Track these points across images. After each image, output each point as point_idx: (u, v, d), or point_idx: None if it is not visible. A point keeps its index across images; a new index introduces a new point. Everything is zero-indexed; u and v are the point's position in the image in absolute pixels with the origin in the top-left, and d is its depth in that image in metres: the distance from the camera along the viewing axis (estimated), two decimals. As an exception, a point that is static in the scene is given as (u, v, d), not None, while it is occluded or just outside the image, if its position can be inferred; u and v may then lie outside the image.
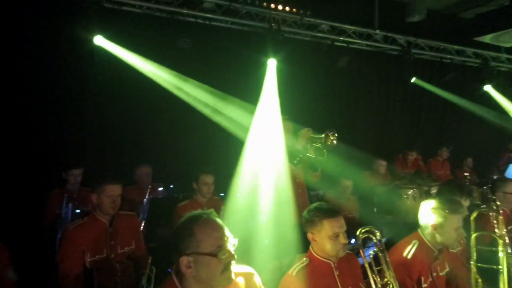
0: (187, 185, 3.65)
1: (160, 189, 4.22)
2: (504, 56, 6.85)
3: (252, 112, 4.56)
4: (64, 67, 4.11)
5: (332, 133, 2.95)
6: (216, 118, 4.65)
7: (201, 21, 4.63)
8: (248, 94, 4.80)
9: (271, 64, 4.90)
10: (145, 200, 3.74)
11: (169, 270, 1.68)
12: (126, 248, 2.61)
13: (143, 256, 2.69)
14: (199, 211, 1.48)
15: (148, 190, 3.90)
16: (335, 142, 2.96)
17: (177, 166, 4.74)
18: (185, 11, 4.43)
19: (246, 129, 4.56)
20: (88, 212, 3.44)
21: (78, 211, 3.40)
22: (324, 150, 3.04)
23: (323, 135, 2.99)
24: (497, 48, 6.55)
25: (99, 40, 4.02)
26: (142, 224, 3.37)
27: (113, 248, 2.53)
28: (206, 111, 4.62)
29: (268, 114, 4.59)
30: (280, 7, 4.90)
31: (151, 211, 3.48)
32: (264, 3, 4.79)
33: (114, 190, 2.52)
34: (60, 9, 3.87)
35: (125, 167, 4.31)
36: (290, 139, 3.25)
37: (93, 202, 2.55)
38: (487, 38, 5.28)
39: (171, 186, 4.45)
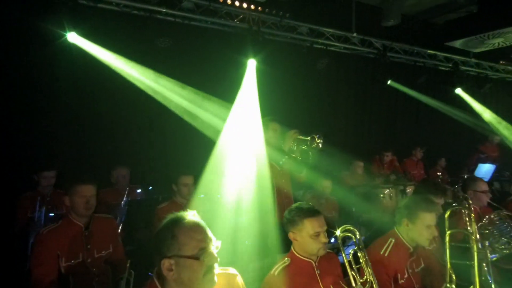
0: (167, 186, 3.60)
1: (139, 191, 4.13)
2: (473, 61, 7.17)
3: (232, 112, 4.57)
4: (36, 64, 3.95)
5: (318, 136, 3.00)
6: (195, 118, 4.61)
7: (180, 20, 4.57)
8: (228, 94, 4.80)
9: (251, 65, 4.92)
10: (122, 202, 3.65)
11: (149, 273, 1.65)
12: (103, 252, 2.54)
13: (121, 260, 2.63)
14: (181, 213, 1.45)
15: (126, 192, 3.80)
16: (320, 145, 3.01)
17: (155, 167, 4.66)
18: (163, 10, 4.36)
19: (225, 130, 4.56)
20: (62, 215, 3.33)
21: (51, 214, 3.27)
22: (310, 153, 3.09)
23: (309, 138, 3.03)
24: (466, 53, 6.86)
25: (73, 38, 3.89)
26: (120, 227, 3.28)
27: (90, 252, 2.46)
28: (185, 112, 4.57)
29: (247, 114, 4.60)
30: (259, 8, 4.93)
31: (129, 213, 3.40)
32: (244, 4, 4.79)
33: (87, 190, 2.44)
34: (32, 4, 3.72)
35: (101, 169, 4.19)
36: (277, 139, 3.27)
37: (67, 205, 2.46)
38: (457, 44, 5.52)
39: (150, 188, 4.36)
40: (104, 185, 3.97)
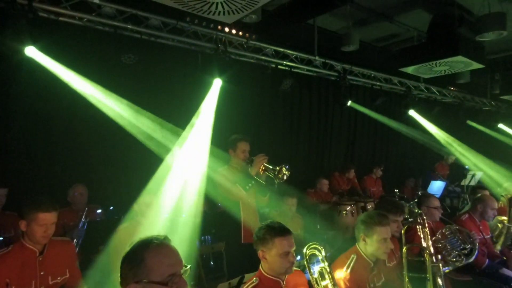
0: (129, 206, 3.47)
1: (99, 211, 3.95)
2: (423, 85, 7.78)
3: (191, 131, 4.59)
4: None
5: (286, 167, 3.06)
6: (157, 136, 4.54)
7: (146, 37, 4.54)
8: (193, 112, 4.80)
9: (216, 84, 4.97)
10: (80, 223, 3.46)
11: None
12: (58, 278, 2.38)
13: (78, 286, 2.48)
14: (150, 236, 1.41)
15: (84, 213, 3.62)
16: (285, 177, 3.07)
17: (116, 187, 4.48)
18: (129, 26, 4.31)
19: (189, 149, 4.53)
20: (11, 238, 3.10)
21: (0, 238, 3.02)
22: (276, 180, 3.13)
23: (277, 168, 3.08)
24: (417, 78, 7.43)
25: (31, 52, 3.69)
26: (77, 250, 3.11)
27: (43, 279, 2.30)
28: (147, 129, 4.49)
29: (205, 133, 4.65)
30: (226, 29, 5.03)
31: (87, 235, 3.23)
32: (211, 24, 4.87)
33: (48, 219, 2.28)
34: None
35: (57, 188, 3.97)
36: (244, 160, 3.28)
37: (23, 230, 2.28)
38: (409, 69, 5.97)
39: (111, 207, 4.18)
40: (61, 205, 3.75)
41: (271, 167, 3.13)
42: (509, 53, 7.46)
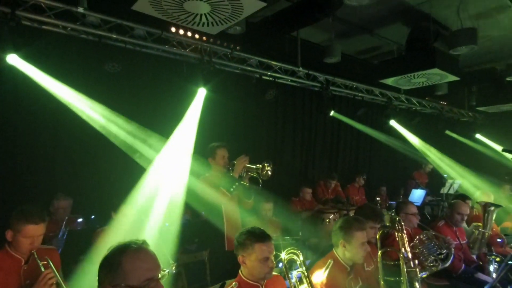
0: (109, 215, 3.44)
1: (80, 220, 3.89)
2: (403, 96, 8.02)
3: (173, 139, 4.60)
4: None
5: (268, 164, 3.09)
6: (139, 145, 4.53)
7: (131, 47, 4.57)
8: (176, 121, 4.83)
9: (201, 93, 5.02)
10: (60, 233, 3.41)
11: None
12: (43, 287, 2.34)
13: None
14: (128, 240, 1.41)
15: (64, 222, 3.57)
16: (269, 173, 3.10)
17: (98, 196, 4.43)
18: (114, 36, 4.33)
19: (172, 158, 4.54)
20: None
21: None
22: (260, 180, 3.16)
23: (260, 166, 3.11)
24: (397, 90, 7.66)
25: (13, 60, 3.68)
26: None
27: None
28: (130, 138, 4.49)
29: (190, 141, 4.67)
30: (211, 39, 5.10)
31: (68, 244, 3.19)
32: (196, 35, 4.94)
33: (36, 231, 2.25)
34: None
35: (39, 196, 3.91)
36: (225, 166, 3.32)
37: (8, 240, 2.26)
38: (389, 81, 6.17)
39: (92, 216, 4.13)
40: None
41: (253, 166, 3.16)
42: (485, 66, 7.80)
